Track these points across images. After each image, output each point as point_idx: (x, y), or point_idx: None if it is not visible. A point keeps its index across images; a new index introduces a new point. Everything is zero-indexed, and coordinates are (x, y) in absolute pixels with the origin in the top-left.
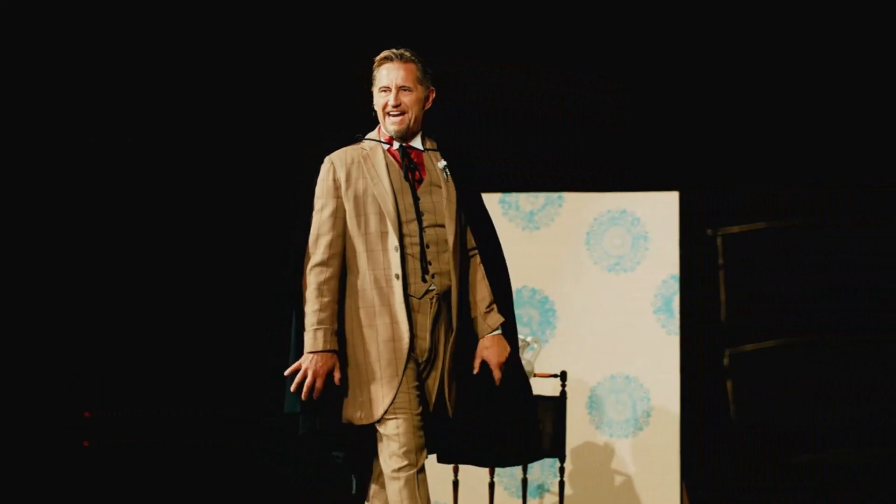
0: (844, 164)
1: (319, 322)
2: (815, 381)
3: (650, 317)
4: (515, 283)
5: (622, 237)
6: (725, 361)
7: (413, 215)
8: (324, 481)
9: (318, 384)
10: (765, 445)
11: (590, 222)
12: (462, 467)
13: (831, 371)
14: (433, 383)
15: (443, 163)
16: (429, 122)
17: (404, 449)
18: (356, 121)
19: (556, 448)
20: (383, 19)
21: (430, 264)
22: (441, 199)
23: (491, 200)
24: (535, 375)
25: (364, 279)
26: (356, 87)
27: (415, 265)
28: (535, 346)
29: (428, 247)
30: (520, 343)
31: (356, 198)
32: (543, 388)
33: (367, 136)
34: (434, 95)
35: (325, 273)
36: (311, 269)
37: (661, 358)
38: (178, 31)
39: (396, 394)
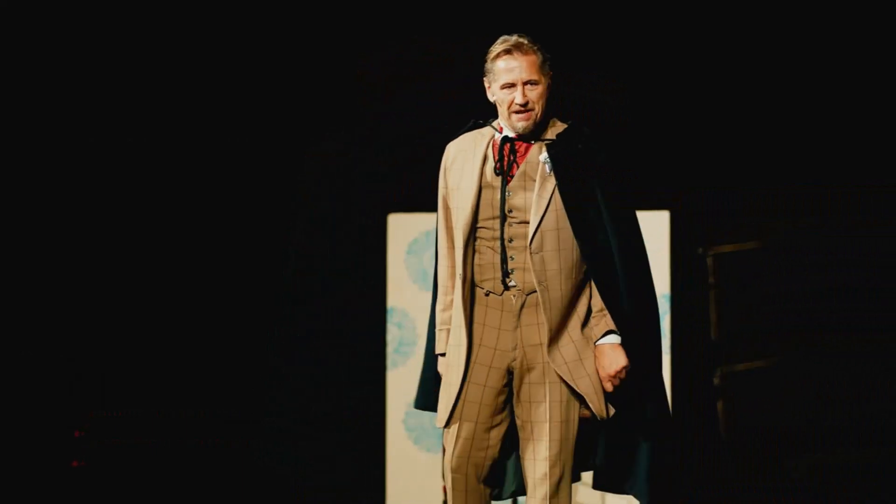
0: (837, 182)
1: (442, 323)
2: (806, 398)
3: None
4: None
5: None
6: (716, 381)
7: (497, 212)
8: (323, 480)
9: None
10: (757, 465)
11: None
12: None
13: (822, 386)
14: (540, 391)
15: (544, 155)
16: (554, 108)
17: (455, 462)
18: (355, 120)
19: None
20: (374, 18)
21: (512, 259)
22: (532, 195)
23: None
24: None
25: (456, 277)
26: (354, 87)
27: (488, 259)
28: None
29: (511, 242)
30: None
31: (450, 190)
32: None
33: (490, 123)
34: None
35: (448, 269)
36: (438, 264)
37: None
38: (172, 29)
39: (457, 401)
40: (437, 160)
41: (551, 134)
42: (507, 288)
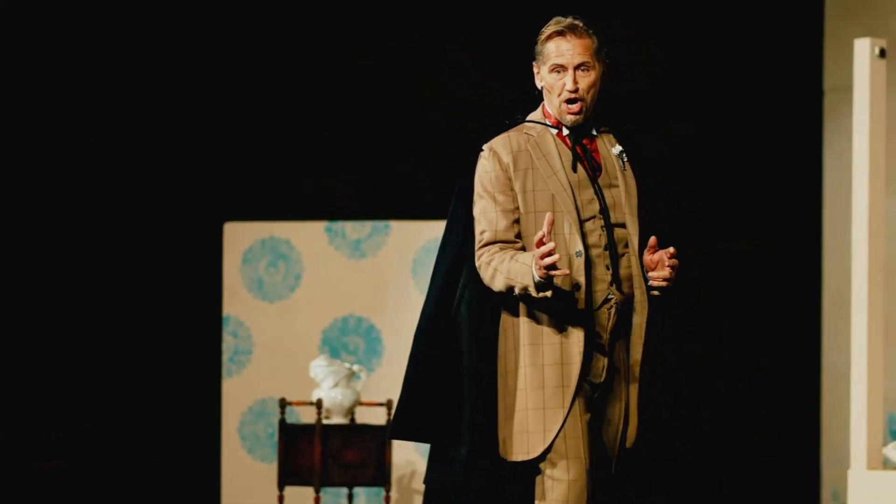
0: None
1: (513, 261)
2: None
3: None
4: (341, 311)
5: None
6: None
7: (595, 212)
8: (158, 490)
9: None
10: None
11: (416, 250)
12: None
13: None
14: (616, 414)
15: (618, 148)
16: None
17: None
18: (191, 129)
19: (381, 477)
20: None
21: (615, 269)
22: (620, 193)
23: (316, 229)
24: (361, 404)
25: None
26: (186, 95)
27: (596, 272)
28: (362, 375)
29: (613, 248)
30: (345, 372)
31: (524, 193)
32: (370, 417)
33: (528, 119)
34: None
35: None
36: (482, 267)
37: None
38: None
39: (562, 427)
40: (273, 169)
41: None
42: (606, 300)
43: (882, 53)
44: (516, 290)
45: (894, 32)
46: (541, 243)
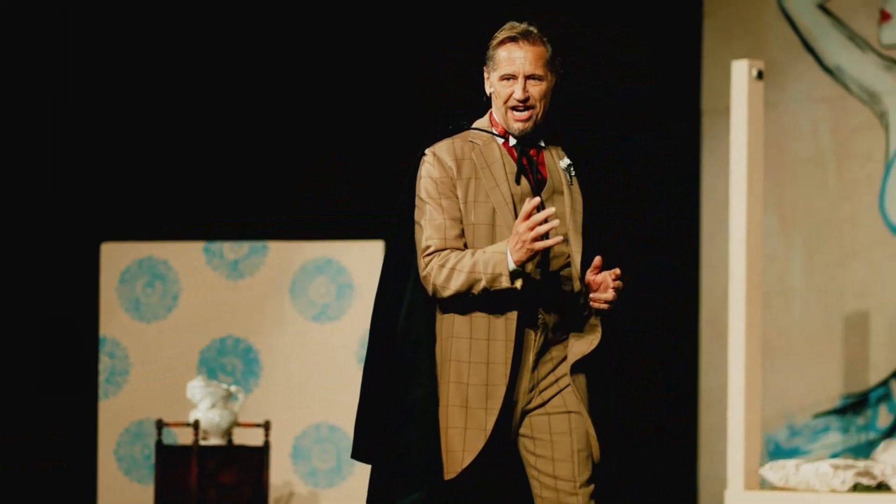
0: None
1: (477, 254)
2: None
3: (355, 365)
4: (219, 332)
5: (327, 286)
6: None
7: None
8: None
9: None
10: None
11: (295, 271)
12: None
13: None
14: (563, 450)
15: (566, 161)
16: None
17: None
18: (68, 149)
19: (259, 498)
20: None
21: (553, 288)
22: (564, 208)
23: (194, 249)
24: (238, 425)
25: (469, 304)
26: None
27: (532, 289)
28: (239, 395)
29: (550, 266)
30: (223, 393)
31: (465, 203)
32: (247, 438)
33: (474, 126)
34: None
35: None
36: (434, 270)
37: None
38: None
39: (484, 448)
40: (151, 189)
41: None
42: (535, 319)
43: (759, 75)
44: (480, 285)
45: (771, 54)
46: (528, 216)
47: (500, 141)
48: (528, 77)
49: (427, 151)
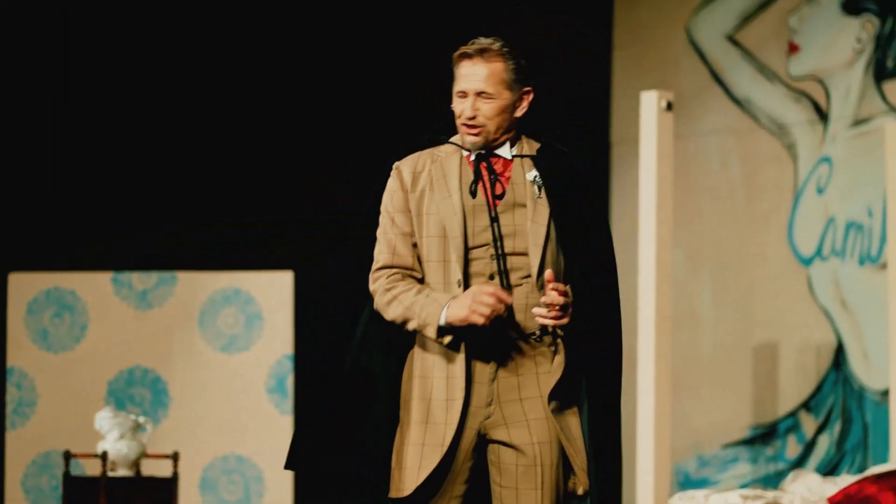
0: None
1: (418, 295)
2: None
3: (263, 396)
4: (127, 362)
5: (235, 317)
6: None
7: (487, 240)
8: None
9: (494, 300)
10: None
11: (203, 301)
12: None
13: None
14: (532, 478)
15: (532, 173)
16: (529, 122)
17: None
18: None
19: None
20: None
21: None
22: (525, 221)
23: (102, 279)
24: (147, 456)
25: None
26: None
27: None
28: (147, 426)
29: (504, 280)
30: (131, 424)
31: (418, 216)
32: (156, 469)
33: (451, 140)
34: (531, 97)
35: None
36: (379, 291)
37: (273, 437)
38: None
39: (437, 469)
40: (59, 219)
41: (528, 148)
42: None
43: (669, 106)
44: (412, 325)
45: (681, 86)
46: (496, 297)
47: (465, 153)
48: (478, 94)
49: (395, 165)
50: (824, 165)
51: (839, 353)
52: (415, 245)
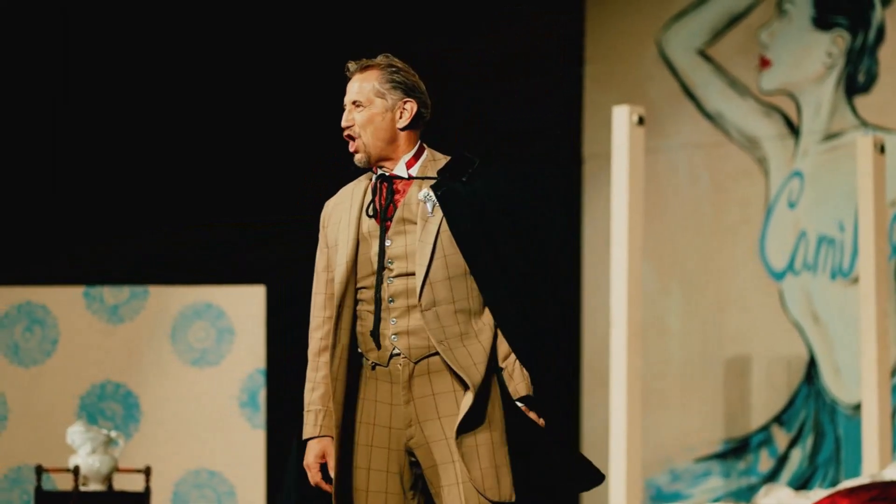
0: None
1: (310, 403)
2: None
3: (236, 410)
4: (99, 377)
5: (207, 331)
6: None
7: (375, 265)
8: None
9: (313, 477)
10: None
11: (175, 316)
12: None
13: None
14: (450, 471)
15: (424, 192)
16: (432, 137)
17: None
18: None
19: None
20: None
21: (394, 322)
22: (414, 239)
23: (73, 294)
24: (118, 471)
25: (336, 348)
26: None
27: (373, 326)
28: (119, 441)
29: (392, 301)
30: (103, 438)
31: (328, 248)
32: (127, 484)
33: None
34: (415, 108)
35: (321, 341)
36: (310, 337)
37: (246, 452)
38: None
39: (348, 492)
40: (30, 233)
41: (432, 169)
42: (392, 356)
43: (640, 121)
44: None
45: (652, 100)
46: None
47: (373, 178)
48: (353, 104)
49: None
50: (795, 180)
51: (811, 367)
52: (332, 279)
